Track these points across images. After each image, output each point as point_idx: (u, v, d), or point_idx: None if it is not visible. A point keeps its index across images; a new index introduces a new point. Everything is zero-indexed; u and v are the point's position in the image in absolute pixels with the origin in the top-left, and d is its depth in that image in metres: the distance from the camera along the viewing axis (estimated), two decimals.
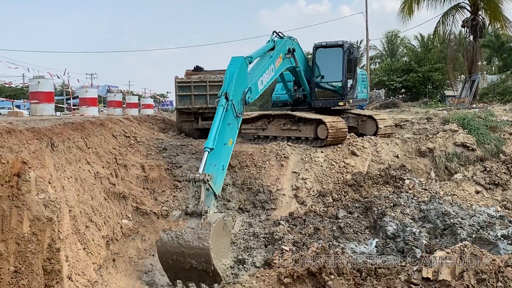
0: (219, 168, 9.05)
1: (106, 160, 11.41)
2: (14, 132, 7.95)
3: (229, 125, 9.63)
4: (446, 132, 15.41)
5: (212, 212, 8.38)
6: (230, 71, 10.23)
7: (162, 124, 19.45)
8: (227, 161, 9.51)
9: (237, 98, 10.00)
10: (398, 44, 56.09)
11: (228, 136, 9.60)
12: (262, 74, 11.75)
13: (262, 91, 11.85)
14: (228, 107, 9.62)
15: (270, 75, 12.26)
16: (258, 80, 11.49)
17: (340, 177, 13.32)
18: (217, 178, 8.87)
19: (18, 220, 6.75)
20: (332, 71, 15.70)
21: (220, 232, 8.24)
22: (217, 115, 9.47)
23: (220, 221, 8.22)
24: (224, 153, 9.33)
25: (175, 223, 8.22)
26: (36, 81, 14.24)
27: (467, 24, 29.31)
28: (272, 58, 12.50)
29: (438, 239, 10.33)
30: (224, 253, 8.47)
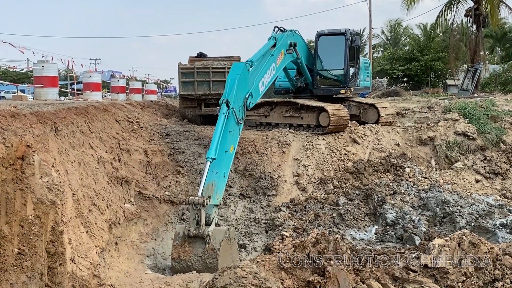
0: (220, 175, 9.27)
1: (109, 144, 11.48)
2: (18, 115, 8.01)
3: (230, 132, 9.77)
4: (447, 121, 15.43)
5: (213, 226, 8.80)
6: (231, 78, 10.26)
7: (165, 110, 19.50)
8: (228, 168, 9.74)
9: (238, 104, 10.10)
10: (401, 33, 55.80)
11: (230, 143, 9.76)
12: (263, 75, 11.78)
13: (264, 92, 11.91)
14: (230, 114, 9.75)
15: (271, 74, 12.29)
16: (259, 83, 11.54)
17: (341, 165, 13.38)
18: (218, 185, 9.15)
19: (22, 202, 6.83)
20: (334, 59, 15.69)
21: (225, 249, 8.67)
22: (219, 123, 9.64)
23: (224, 242, 8.60)
24: (225, 161, 9.52)
25: (182, 251, 8.72)
26: (41, 66, 14.30)
27: (470, 13, 29.17)
28: (273, 57, 12.48)
29: (437, 227, 10.42)
30: (233, 260, 8.90)
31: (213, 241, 8.58)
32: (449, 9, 30.27)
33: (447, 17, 31.06)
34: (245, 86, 10.57)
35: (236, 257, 9.16)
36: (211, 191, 8.98)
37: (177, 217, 11.28)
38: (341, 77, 15.61)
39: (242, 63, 10.70)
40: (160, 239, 10.53)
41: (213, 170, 9.14)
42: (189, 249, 8.69)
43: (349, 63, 15.48)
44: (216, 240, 8.60)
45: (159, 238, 10.56)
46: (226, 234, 8.76)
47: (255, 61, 11.33)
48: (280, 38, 12.85)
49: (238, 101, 10.08)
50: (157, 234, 10.63)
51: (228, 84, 10.22)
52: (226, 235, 8.76)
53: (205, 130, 14.95)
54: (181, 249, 8.76)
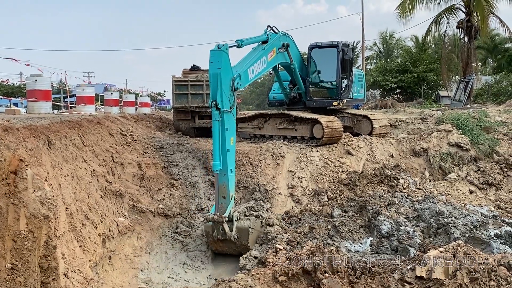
0: (228, 173, 9.94)
1: (103, 158, 11.44)
2: (11, 129, 7.98)
3: (227, 130, 9.91)
4: (440, 132, 15.49)
5: (235, 225, 10.14)
6: (213, 73, 9.92)
7: (159, 123, 19.48)
8: (233, 163, 10.32)
9: (226, 94, 9.99)
10: (393, 45, 56.16)
11: (229, 139, 9.98)
12: (253, 63, 11.77)
13: (253, 80, 11.83)
14: (222, 116, 9.81)
15: (262, 66, 12.24)
16: (249, 69, 11.49)
17: (335, 176, 13.39)
18: (229, 184, 10.01)
19: (14, 217, 6.79)
20: (326, 71, 15.77)
21: (253, 239, 10.38)
22: (215, 131, 9.83)
23: (250, 236, 10.27)
24: (229, 158, 9.99)
25: (218, 245, 10.49)
26: (34, 79, 14.28)
27: (462, 25, 29.37)
28: (265, 50, 12.51)
29: (432, 238, 10.40)
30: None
31: (241, 239, 10.21)
32: (440, 21, 30.47)
33: (438, 29, 31.28)
34: (230, 73, 10.26)
35: (258, 233, 10.60)
36: (224, 192, 9.99)
37: (171, 231, 11.22)
38: (334, 89, 15.67)
39: (220, 51, 9.97)
40: (154, 253, 10.46)
41: (221, 174, 9.90)
42: (223, 245, 10.39)
43: (342, 75, 15.55)
44: (243, 237, 10.21)
45: (153, 251, 10.49)
46: (249, 231, 10.22)
47: (245, 43, 11.46)
48: (273, 36, 12.95)
49: (225, 95, 9.98)
50: (151, 247, 10.56)
51: (211, 81, 9.97)
52: (250, 231, 10.23)
53: (199, 143, 14.94)
54: (216, 244, 10.43)
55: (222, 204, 9.99)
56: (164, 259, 10.41)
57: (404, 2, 30.04)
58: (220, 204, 10.00)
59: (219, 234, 10.08)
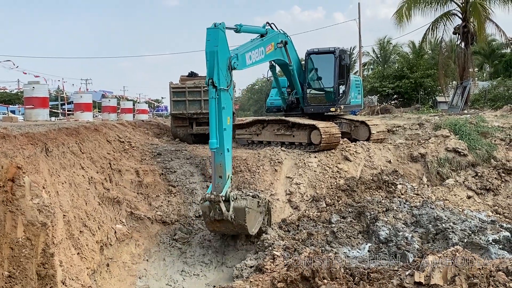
0: (225, 153, 9.91)
1: (101, 165, 11.42)
2: (9, 137, 7.97)
3: (224, 108, 9.93)
4: (437, 138, 15.51)
5: (232, 205, 9.93)
6: (209, 51, 9.83)
7: (157, 129, 19.47)
8: (230, 142, 10.25)
9: (223, 73, 9.97)
10: (390, 50, 56.34)
11: (225, 118, 10.01)
12: (251, 50, 11.76)
13: (249, 66, 11.75)
14: (219, 94, 9.81)
15: (259, 56, 12.22)
16: (247, 54, 11.46)
17: (333, 182, 13.39)
18: (226, 163, 9.97)
19: (12, 225, 6.77)
20: (323, 77, 15.83)
21: (250, 218, 10.26)
22: (212, 109, 9.84)
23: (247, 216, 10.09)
24: (225, 137, 9.99)
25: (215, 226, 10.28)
26: (31, 87, 14.26)
27: (459, 31, 29.51)
28: (263, 42, 12.54)
29: (430, 244, 10.41)
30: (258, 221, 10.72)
31: (238, 219, 10.03)
32: (436, 27, 30.60)
33: (435, 35, 31.40)
34: (227, 51, 10.24)
35: (257, 216, 10.69)
36: (220, 171, 9.91)
37: (169, 237, 11.18)
38: (331, 95, 15.70)
39: (217, 29, 9.89)
40: (152, 260, 10.43)
41: (218, 151, 9.86)
42: (220, 225, 10.22)
43: (339, 81, 15.59)
44: (240, 217, 10.03)
45: (151, 259, 10.45)
46: (246, 210, 10.07)
47: (243, 29, 11.53)
48: (271, 32, 13.04)
49: (222, 74, 9.96)
50: (149, 254, 10.53)
51: (208, 59, 9.90)
52: (247, 211, 10.08)
53: (197, 149, 14.93)
54: (214, 225, 10.27)
55: (219, 183, 9.89)
56: (162, 266, 10.38)
57: (400, 8, 30.19)
58: (217, 183, 9.91)
59: (216, 214, 9.92)
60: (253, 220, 10.49)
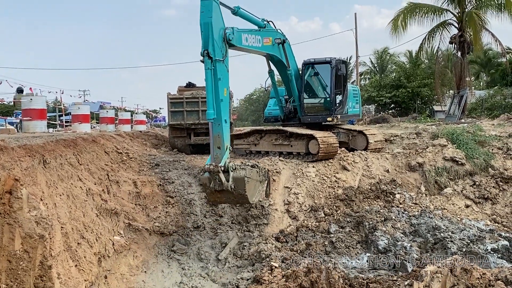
0: (222, 124, 10.01)
1: (98, 176, 11.40)
2: (6, 149, 7.97)
3: (220, 79, 9.99)
4: (435, 147, 15.54)
5: (231, 175, 9.99)
6: (204, 22, 9.85)
7: (155, 140, 19.45)
8: (227, 113, 10.32)
9: (218, 45, 10.02)
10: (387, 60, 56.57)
11: (222, 89, 10.07)
12: (248, 33, 11.90)
13: (245, 47, 11.84)
14: (214, 65, 9.89)
15: (255, 43, 12.35)
16: (243, 34, 11.58)
17: (331, 192, 13.38)
18: (223, 134, 10.09)
19: (9, 237, 6.74)
20: (320, 87, 15.90)
21: (250, 188, 10.30)
22: (208, 80, 9.90)
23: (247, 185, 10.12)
24: (223, 108, 10.05)
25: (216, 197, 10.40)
26: (29, 98, 14.27)
27: (455, 40, 29.64)
28: (262, 32, 12.70)
29: (429, 253, 10.39)
30: (258, 190, 10.92)
31: (238, 189, 10.09)
32: (433, 37, 30.73)
33: (431, 44, 31.52)
34: (221, 23, 10.31)
35: (257, 185, 10.86)
36: (218, 142, 10.04)
37: (167, 249, 11.14)
38: (328, 105, 15.73)
39: (210, 1, 9.90)
40: (150, 272, 10.38)
41: (215, 122, 9.97)
42: (221, 196, 10.31)
43: (336, 91, 15.63)
44: (240, 186, 10.09)
45: (149, 270, 10.41)
46: (246, 180, 10.13)
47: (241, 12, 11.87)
48: (270, 27, 13.27)
49: (218, 46, 10.01)
50: (147, 266, 10.48)
51: (202, 30, 9.89)
52: (246, 180, 10.14)
53: (195, 160, 14.90)
54: (214, 196, 10.37)
55: (218, 154, 10.02)
56: (161, 278, 10.33)
57: (396, 18, 30.32)
58: (216, 154, 10.03)
59: (216, 185, 10.04)
60: (253, 189, 10.64)
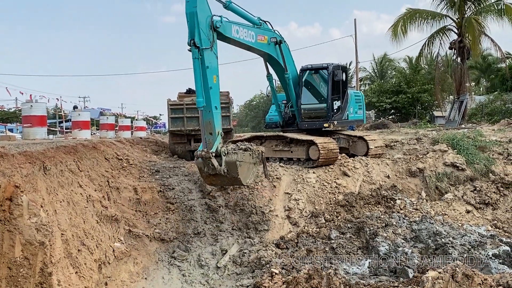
0: (213, 110, 10.29)
1: (99, 183, 11.40)
2: (7, 156, 7.97)
3: (208, 68, 10.13)
4: (435, 152, 15.53)
5: (224, 159, 10.50)
6: (189, 12, 10.01)
7: (155, 146, 19.45)
8: (217, 100, 10.55)
9: (205, 33, 10.14)
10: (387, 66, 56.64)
11: (211, 77, 10.24)
12: (240, 26, 12.00)
13: (235, 39, 11.87)
14: (202, 54, 10.03)
15: (248, 38, 12.42)
16: (234, 25, 11.69)
17: (332, 198, 13.36)
18: (214, 120, 10.38)
19: (10, 244, 6.74)
20: (317, 93, 15.83)
21: (242, 170, 10.91)
22: (196, 69, 10.07)
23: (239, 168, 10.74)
24: (212, 96, 10.29)
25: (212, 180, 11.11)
26: (29, 105, 14.28)
27: (455, 46, 29.68)
28: (256, 29, 12.73)
29: (430, 259, 10.35)
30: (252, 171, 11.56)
31: (231, 173, 10.69)
32: (432, 42, 30.76)
33: (431, 50, 31.54)
34: (207, 11, 10.40)
35: (251, 167, 11.46)
36: (210, 128, 10.41)
37: (167, 255, 11.12)
38: (325, 110, 15.67)
39: None
40: (151, 278, 10.36)
41: (206, 109, 10.24)
42: (216, 179, 11.01)
43: (333, 97, 15.55)
44: (232, 170, 10.70)
45: (150, 277, 10.39)
46: (237, 164, 10.71)
47: (232, 6, 11.99)
48: (266, 27, 13.37)
49: (204, 34, 10.12)
50: (147, 273, 10.46)
51: (188, 20, 10.06)
52: (238, 164, 10.71)
53: (195, 166, 14.88)
54: (210, 179, 11.09)
55: (210, 140, 10.39)
56: (161, 285, 10.31)
57: (396, 24, 30.37)
58: (208, 140, 10.41)
59: (209, 169, 10.55)
60: (246, 172, 11.22)
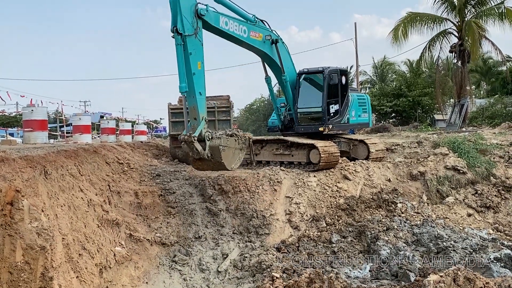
0: (197, 96, 10.57)
1: (99, 187, 11.39)
2: (8, 160, 7.97)
3: (191, 54, 10.31)
4: (436, 156, 15.53)
5: (208, 144, 10.90)
6: (172, 1, 10.29)
7: (156, 150, 19.45)
8: (202, 86, 10.84)
9: (188, 20, 10.30)
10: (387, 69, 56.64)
11: (195, 63, 10.44)
12: (230, 18, 12.07)
13: (222, 30, 11.93)
14: (184, 41, 10.20)
15: (239, 31, 12.47)
16: (223, 16, 11.77)
17: (333, 201, 13.34)
18: (199, 105, 10.71)
19: (11, 248, 6.73)
20: (313, 97, 15.76)
21: (226, 155, 11.26)
22: (178, 55, 10.27)
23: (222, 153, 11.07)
24: (196, 82, 10.51)
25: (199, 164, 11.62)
26: (30, 109, 14.28)
27: (455, 49, 29.74)
28: (249, 25, 12.78)
29: (432, 263, 10.34)
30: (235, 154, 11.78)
31: (215, 157, 11.06)
32: (433, 46, 30.82)
33: (431, 53, 31.59)
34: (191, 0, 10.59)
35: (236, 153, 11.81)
36: (194, 113, 10.74)
37: (168, 259, 11.10)
38: (320, 114, 15.62)
39: None
40: (152, 283, 10.34)
41: (189, 95, 10.53)
42: (202, 163, 11.50)
43: (329, 100, 15.46)
44: (216, 155, 11.06)
45: (151, 281, 10.36)
46: (221, 148, 11.02)
47: None
48: (262, 25, 13.44)
49: (188, 21, 10.27)
50: (148, 277, 10.44)
51: (171, 8, 10.29)
52: (221, 149, 11.03)
53: (196, 170, 14.88)
54: (196, 163, 11.62)
55: (194, 125, 10.70)
56: None
57: (397, 28, 30.43)
58: (192, 125, 10.73)
59: (194, 153, 10.95)
60: (231, 157, 11.54)
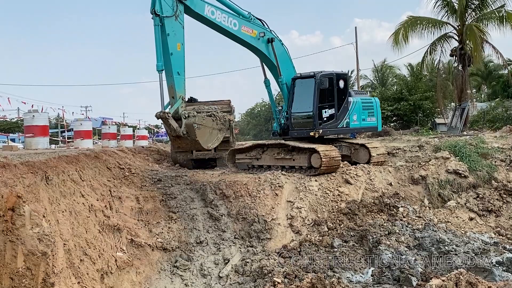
0: (175, 76, 10.81)
1: (101, 192, 11.39)
2: (9, 166, 7.97)
3: (169, 35, 10.54)
4: (438, 160, 15.51)
5: (184, 122, 11.12)
6: None
7: (157, 155, 19.46)
8: (181, 66, 11.09)
9: (168, 3, 10.54)
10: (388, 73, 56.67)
11: (174, 44, 10.67)
12: (219, 10, 12.17)
13: (208, 19, 12.02)
14: (163, 21, 10.43)
15: (228, 24, 12.60)
16: (208, 6, 11.91)
17: (334, 206, 13.32)
18: (176, 84, 11.02)
19: (12, 254, 6.72)
20: (305, 101, 15.72)
21: (201, 133, 11.49)
22: (156, 35, 10.49)
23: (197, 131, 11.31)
24: (174, 61, 10.76)
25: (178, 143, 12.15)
26: (31, 115, 14.31)
27: (456, 53, 29.73)
28: (243, 21, 12.90)
29: (434, 267, 10.32)
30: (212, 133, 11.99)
31: (190, 135, 11.36)
32: (434, 50, 30.81)
33: (433, 57, 31.60)
34: None
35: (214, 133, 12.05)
36: (172, 92, 11.07)
37: (170, 265, 11.08)
38: (311, 119, 15.54)
39: None
40: None
41: (168, 74, 10.75)
42: (181, 142, 11.87)
43: (321, 105, 15.42)
44: (191, 133, 11.33)
45: (152, 286, 10.34)
46: (195, 126, 11.24)
47: None
48: (257, 23, 13.49)
49: (165, 4, 10.47)
50: (150, 282, 10.42)
51: None
52: (195, 126, 11.25)
53: (197, 175, 14.88)
54: (176, 142, 12.11)
55: (172, 103, 11.02)
56: None
57: (397, 32, 30.44)
58: (170, 103, 11.05)
59: (171, 131, 11.26)
60: (208, 136, 11.82)
